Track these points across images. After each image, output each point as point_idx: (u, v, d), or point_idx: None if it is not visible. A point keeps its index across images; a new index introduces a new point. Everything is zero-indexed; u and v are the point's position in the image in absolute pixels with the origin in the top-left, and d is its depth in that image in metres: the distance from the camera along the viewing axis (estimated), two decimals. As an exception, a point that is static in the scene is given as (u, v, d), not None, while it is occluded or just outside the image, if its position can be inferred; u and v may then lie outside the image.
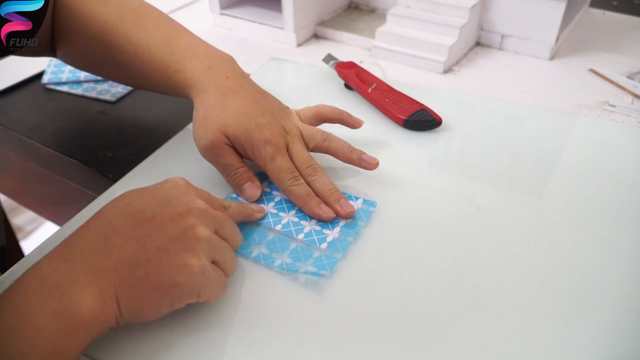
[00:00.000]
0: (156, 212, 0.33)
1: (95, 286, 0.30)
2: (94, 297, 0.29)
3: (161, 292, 0.31)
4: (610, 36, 0.73)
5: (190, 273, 0.31)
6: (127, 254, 0.31)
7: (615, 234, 0.40)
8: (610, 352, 0.33)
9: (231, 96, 0.44)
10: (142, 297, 0.31)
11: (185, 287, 0.31)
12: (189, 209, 0.33)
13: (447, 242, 0.40)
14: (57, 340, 0.28)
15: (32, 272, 0.30)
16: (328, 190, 0.42)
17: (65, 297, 0.29)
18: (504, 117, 0.55)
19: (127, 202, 0.34)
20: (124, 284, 0.30)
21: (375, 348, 0.33)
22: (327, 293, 0.36)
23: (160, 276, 0.31)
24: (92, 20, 0.49)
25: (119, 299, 0.30)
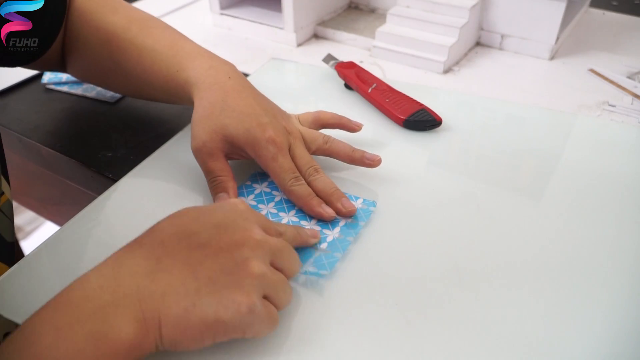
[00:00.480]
0: (212, 237, 0.32)
1: (140, 312, 0.29)
2: (137, 324, 0.29)
3: (205, 325, 0.30)
4: (610, 36, 0.73)
5: (237, 311, 0.30)
6: (176, 280, 0.30)
7: (615, 234, 0.40)
8: (611, 351, 0.33)
9: (233, 95, 0.44)
10: (186, 328, 0.29)
11: (231, 324, 0.30)
12: (245, 239, 0.32)
13: (447, 241, 0.40)
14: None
15: (78, 287, 0.29)
16: (329, 189, 0.43)
17: (108, 320, 0.28)
18: (504, 117, 0.55)
19: (183, 222, 0.33)
20: (169, 312, 0.29)
21: (375, 348, 0.33)
22: (327, 293, 0.36)
23: (206, 310, 0.30)
24: (100, 29, 0.50)
25: (162, 327, 0.29)
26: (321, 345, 0.33)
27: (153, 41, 0.49)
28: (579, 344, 0.33)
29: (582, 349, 0.33)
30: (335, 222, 0.41)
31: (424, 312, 0.35)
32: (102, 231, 0.42)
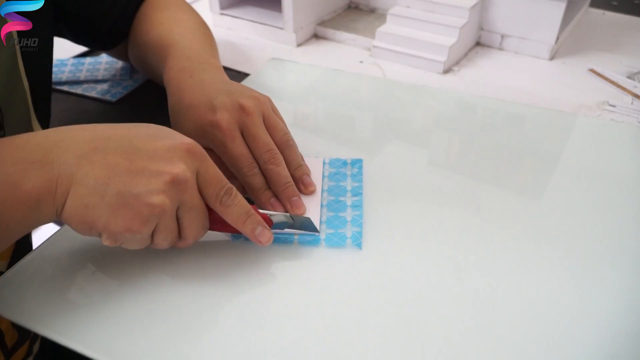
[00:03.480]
0: (143, 158, 0.33)
1: (54, 182, 0.32)
2: (47, 187, 0.32)
3: (94, 226, 0.32)
4: (610, 36, 0.73)
5: (125, 229, 0.32)
6: (93, 177, 0.32)
7: (615, 234, 0.40)
8: (611, 351, 0.33)
9: (189, 93, 0.43)
10: (79, 220, 0.32)
11: (114, 236, 0.33)
12: (165, 172, 0.33)
13: (447, 242, 0.40)
14: (2, 203, 0.31)
15: (27, 136, 0.33)
16: (282, 184, 0.41)
17: (27, 174, 0.31)
18: (504, 117, 0.55)
19: (135, 133, 0.34)
20: (74, 199, 0.32)
21: (375, 348, 0.33)
22: (327, 293, 0.36)
23: (100, 215, 0.32)
24: (146, 21, 0.56)
25: (65, 206, 0.32)
26: (320, 344, 0.33)
27: (167, 37, 0.52)
28: (578, 344, 0.33)
29: (582, 348, 0.33)
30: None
31: (424, 311, 0.35)
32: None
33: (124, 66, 0.67)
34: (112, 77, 0.65)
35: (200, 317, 0.35)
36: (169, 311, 0.35)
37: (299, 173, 0.43)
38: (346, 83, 0.62)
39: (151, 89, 0.63)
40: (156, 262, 0.39)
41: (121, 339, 0.33)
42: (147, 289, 0.37)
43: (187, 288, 0.37)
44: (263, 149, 0.41)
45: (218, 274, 0.38)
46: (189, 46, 0.50)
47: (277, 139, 0.42)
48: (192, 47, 0.50)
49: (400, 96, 0.59)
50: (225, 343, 0.33)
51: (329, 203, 0.43)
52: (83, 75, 0.65)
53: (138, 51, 0.57)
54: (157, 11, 0.57)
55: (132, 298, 0.36)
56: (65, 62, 0.68)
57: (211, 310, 0.35)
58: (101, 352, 0.33)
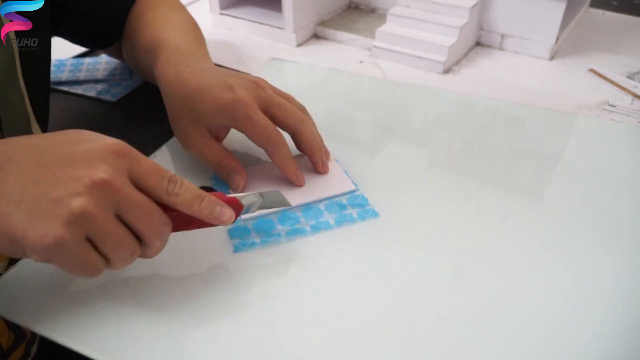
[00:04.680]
0: (60, 164, 0.31)
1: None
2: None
3: (13, 238, 0.30)
4: (610, 36, 0.73)
5: (42, 238, 0.29)
6: (7, 186, 0.30)
7: (615, 234, 0.40)
8: (611, 352, 0.33)
9: (190, 79, 0.43)
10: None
11: (35, 247, 0.30)
12: (84, 176, 0.30)
13: (447, 242, 0.40)
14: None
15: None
16: (317, 143, 0.44)
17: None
18: (504, 117, 0.55)
19: (50, 141, 0.32)
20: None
21: (376, 348, 0.33)
22: (327, 293, 0.36)
23: (17, 224, 0.29)
24: (139, 20, 0.55)
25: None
26: (320, 344, 0.33)
27: (159, 35, 0.52)
28: (578, 344, 0.33)
29: (582, 348, 0.33)
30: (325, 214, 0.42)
31: (424, 311, 0.35)
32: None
33: (123, 66, 0.67)
34: (111, 77, 0.65)
35: (201, 316, 0.35)
36: (169, 311, 0.35)
37: (319, 140, 0.45)
38: (346, 83, 0.62)
39: (151, 89, 0.63)
40: (156, 262, 0.39)
41: (121, 339, 0.33)
42: (147, 288, 0.37)
43: (187, 288, 0.37)
44: (291, 112, 0.43)
45: (218, 274, 0.38)
46: (181, 43, 0.50)
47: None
48: (184, 44, 0.50)
49: (400, 96, 0.59)
50: (226, 343, 0.33)
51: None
52: (82, 75, 0.65)
53: (131, 50, 0.57)
54: (149, 10, 0.57)
55: (132, 298, 0.36)
56: (64, 62, 0.68)
57: (212, 310, 0.35)
58: (101, 352, 0.33)
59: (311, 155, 0.44)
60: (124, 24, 0.58)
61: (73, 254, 0.30)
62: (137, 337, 0.34)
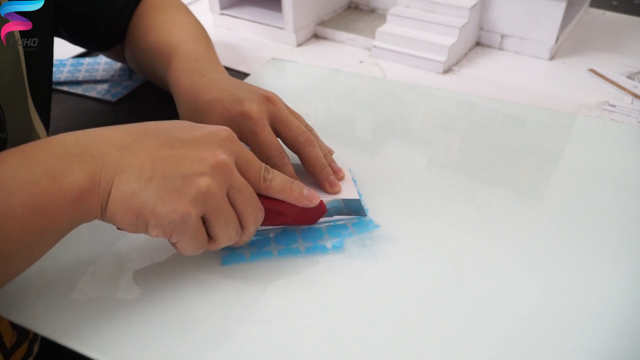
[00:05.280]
0: (184, 145, 0.33)
1: (98, 173, 0.31)
2: (91, 180, 0.31)
3: (141, 213, 0.32)
4: (610, 36, 0.73)
5: (171, 212, 0.31)
6: (137, 164, 0.32)
7: (615, 234, 0.40)
8: (611, 352, 0.33)
9: (205, 91, 0.44)
10: (126, 209, 0.32)
11: (162, 221, 0.32)
12: (207, 157, 0.33)
13: (447, 242, 0.40)
14: (45, 198, 0.30)
15: (62, 136, 0.33)
16: (321, 165, 0.43)
17: (70, 167, 0.31)
18: (504, 117, 0.55)
19: (171, 127, 0.35)
20: (120, 187, 0.31)
21: (376, 348, 0.33)
22: (327, 293, 0.36)
23: (147, 199, 0.31)
24: (144, 23, 0.56)
25: (110, 198, 0.32)
26: (321, 345, 0.33)
27: (168, 39, 0.52)
28: (579, 344, 0.33)
29: (582, 348, 0.33)
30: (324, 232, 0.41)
31: (424, 311, 0.35)
32: (103, 231, 0.42)
33: (122, 67, 0.67)
34: (110, 78, 0.65)
35: (201, 317, 0.35)
36: (169, 311, 0.35)
37: (328, 159, 0.44)
38: (346, 83, 0.62)
39: (151, 89, 0.63)
40: (156, 261, 0.39)
41: (121, 339, 0.33)
42: (147, 288, 0.37)
43: (187, 287, 0.37)
44: (298, 132, 0.43)
45: (219, 275, 0.38)
46: (193, 49, 0.51)
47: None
48: (196, 50, 0.51)
49: (400, 96, 0.59)
50: (226, 343, 0.33)
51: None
52: (82, 76, 0.65)
53: (136, 53, 0.57)
54: (155, 13, 0.57)
55: (133, 298, 0.36)
56: (64, 62, 0.68)
57: (212, 311, 0.35)
58: (101, 352, 0.33)
59: (315, 177, 0.43)
60: (125, 27, 0.58)
61: (191, 230, 0.32)
62: (137, 337, 0.34)
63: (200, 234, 0.33)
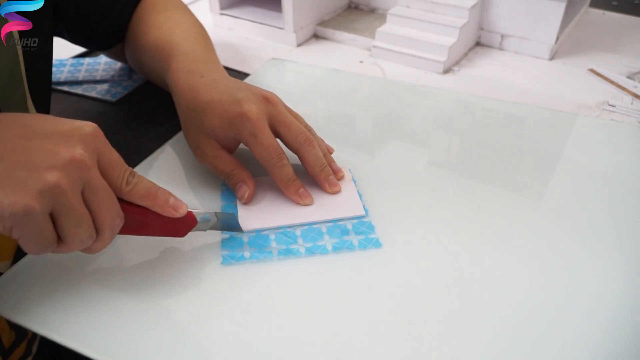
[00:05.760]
0: (42, 136, 0.31)
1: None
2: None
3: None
4: (610, 36, 0.73)
5: (12, 204, 0.29)
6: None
7: (615, 234, 0.40)
8: (611, 352, 0.33)
9: (204, 91, 0.44)
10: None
11: (1, 212, 0.29)
12: (61, 152, 0.31)
13: (447, 242, 0.40)
14: None
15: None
16: (320, 165, 0.42)
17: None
18: (504, 117, 0.55)
19: (33, 118, 0.33)
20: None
21: (376, 348, 0.33)
22: (326, 293, 0.36)
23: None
24: (144, 23, 0.56)
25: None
26: (321, 345, 0.33)
27: (168, 39, 0.52)
28: (579, 344, 0.33)
29: (582, 348, 0.33)
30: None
31: (424, 312, 0.35)
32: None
33: (122, 67, 0.67)
34: (110, 78, 0.65)
35: (201, 317, 0.35)
36: (169, 311, 0.35)
37: (327, 159, 0.44)
38: (346, 83, 0.62)
39: (151, 89, 0.63)
40: (157, 261, 0.39)
41: (121, 339, 0.33)
42: (147, 288, 0.37)
43: (187, 287, 0.37)
44: (297, 132, 0.42)
45: (219, 275, 0.38)
46: (192, 49, 0.50)
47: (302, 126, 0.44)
48: (195, 50, 0.51)
49: (400, 96, 0.59)
50: (225, 343, 0.33)
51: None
52: (81, 76, 0.65)
53: (136, 53, 0.57)
54: (155, 13, 0.57)
55: (132, 298, 0.36)
56: (64, 62, 0.68)
57: (212, 311, 0.35)
58: (101, 352, 0.33)
59: (315, 177, 0.43)
60: (125, 27, 0.58)
61: (35, 226, 0.30)
62: (136, 337, 0.34)
63: (46, 231, 0.31)
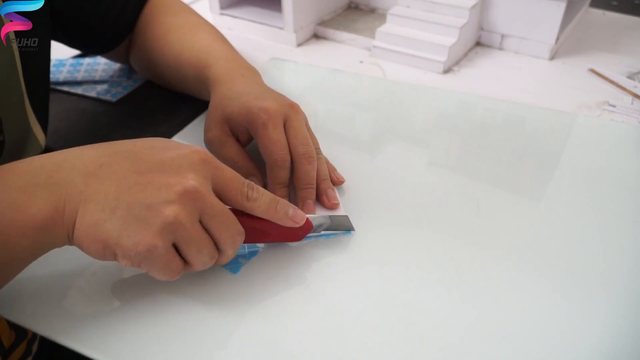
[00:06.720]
0: (152, 170, 0.32)
1: (62, 203, 0.31)
2: (55, 209, 0.31)
3: (107, 244, 0.31)
4: (610, 36, 0.73)
5: (136, 244, 0.30)
6: (102, 192, 0.31)
7: (615, 234, 0.40)
8: (611, 351, 0.33)
9: (239, 84, 0.46)
10: (92, 239, 0.31)
11: (128, 253, 0.31)
12: (175, 184, 0.31)
13: (447, 241, 0.40)
14: (7, 230, 0.30)
15: (28, 161, 0.32)
16: (305, 183, 0.42)
17: (33, 198, 0.30)
18: (504, 117, 0.55)
19: (140, 148, 0.34)
20: (84, 217, 0.31)
21: (376, 348, 0.33)
22: (326, 292, 0.36)
23: (112, 230, 0.30)
24: (158, 26, 0.57)
25: (75, 227, 0.31)
26: (321, 344, 0.33)
27: (194, 40, 0.54)
28: (579, 344, 0.33)
29: (582, 348, 0.33)
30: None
31: (424, 312, 0.35)
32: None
33: (122, 67, 0.67)
34: (109, 79, 0.65)
35: (201, 317, 0.35)
36: (169, 311, 0.35)
37: (325, 185, 0.43)
38: (346, 83, 0.62)
39: (151, 89, 0.63)
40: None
41: (121, 339, 0.33)
42: (146, 288, 0.37)
43: (187, 287, 0.37)
44: (302, 142, 0.42)
45: (218, 275, 0.38)
46: (227, 50, 0.53)
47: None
48: (230, 50, 0.53)
49: (400, 96, 0.59)
50: (225, 343, 0.33)
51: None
52: (80, 76, 0.65)
53: (149, 54, 0.57)
54: (169, 15, 0.57)
55: (132, 298, 0.36)
56: (64, 63, 0.68)
57: (211, 310, 0.35)
58: (100, 352, 0.33)
59: (296, 191, 0.42)
60: (124, 30, 0.58)
61: (162, 260, 0.31)
62: (136, 337, 0.34)
63: (172, 262, 0.32)
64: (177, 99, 0.60)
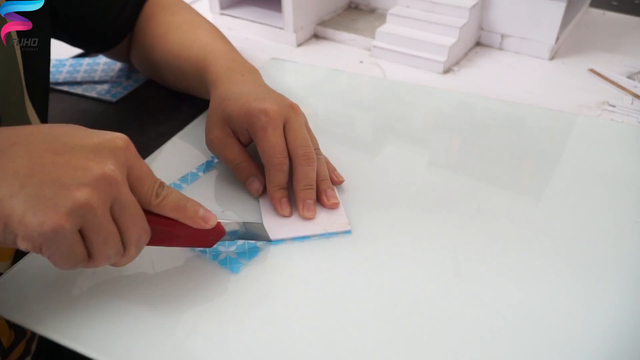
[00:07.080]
0: (71, 151, 0.30)
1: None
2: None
3: (7, 220, 0.29)
4: (610, 36, 0.73)
5: (41, 224, 0.28)
6: (12, 169, 0.29)
7: (615, 234, 0.40)
8: (611, 351, 0.33)
9: (239, 85, 0.46)
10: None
11: (31, 232, 0.28)
12: (92, 167, 0.30)
13: (447, 242, 0.40)
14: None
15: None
16: (304, 184, 0.42)
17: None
18: (504, 117, 0.55)
19: (63, 130, 0.32)
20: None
21: (376, 348, 0.33)
22: (326, 292, 0.36)
23: (17, 207, 0.28)
24: (158, 25, 0.57)
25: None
26: (320, 344, 0.33)
27: (194, 39, 0.54)
28: (578, 344, 0.33)
29: (582, 348, 0.33)
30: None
31: (424, 312, 0.35)
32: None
33: (122, 67, 0.67)
34: (109, 79, 0.65)
35: (201, 317, 0.35)
36: (169, 311, 0.35)
37: (324, 185, 0.43)
38: (346, 83, 0.62)
39: (151, 89, 0.63)
40: (157, 261, 0.39)
41: (121, 339, 0.33)
42: (146, 288, 0.37)
43: (187, 287, 0.37)
44: (302, 144, 0.42)
45: (218, 275, 0.38)
46: (227, 49, 0.53)
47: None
48: (231, 50, 0.53)
49: (400, 96, 0.59)
50: (225, 343, 0.33)
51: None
52: (80, 76, 0.65)
53: (149, 52, 0.57)
54: (168, 14, 0.58)
55: (132, 297, 0.36)
56: (64, 62, 0.68)
57: (211, 310, 0.35)
58: (101, 352, 0.33)
59: (295, 193, 0.42)
60: (124, 29, 0.58)
61: (65, 245, 0.29)
62: (136, 337, 0.34)
63: (76, 248, 0.30)
64: (177, 99, 0.60)
